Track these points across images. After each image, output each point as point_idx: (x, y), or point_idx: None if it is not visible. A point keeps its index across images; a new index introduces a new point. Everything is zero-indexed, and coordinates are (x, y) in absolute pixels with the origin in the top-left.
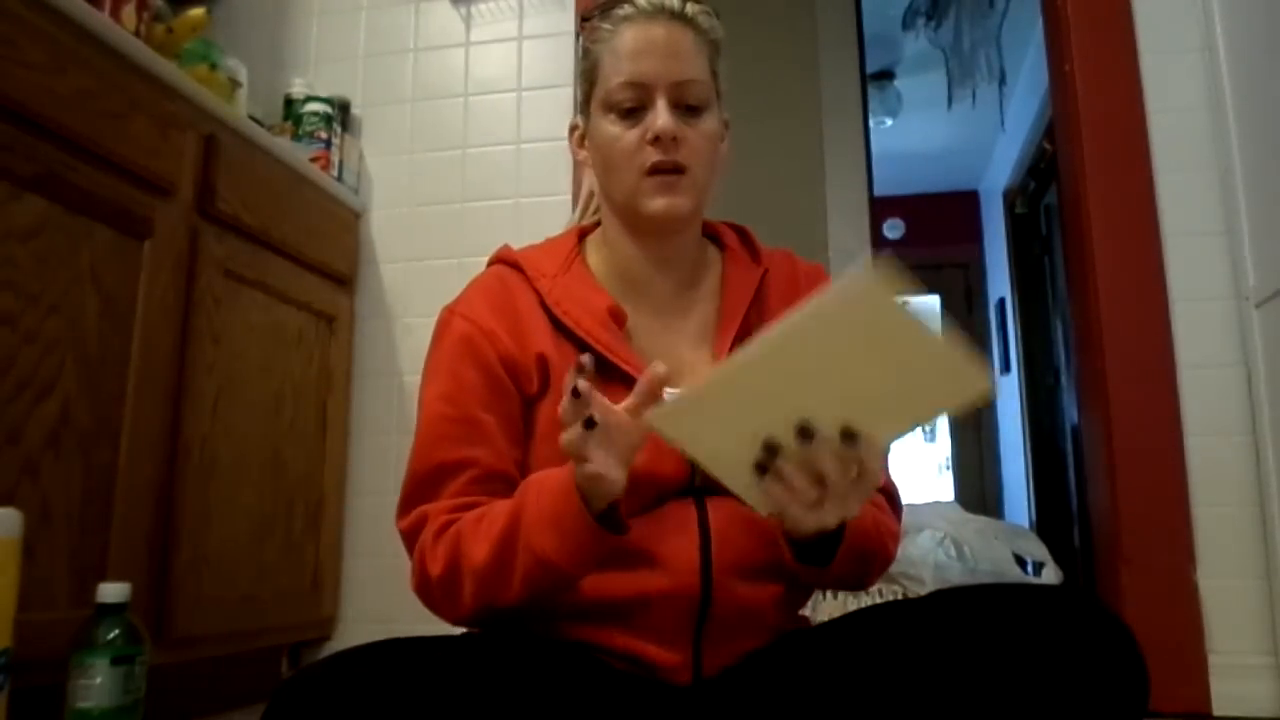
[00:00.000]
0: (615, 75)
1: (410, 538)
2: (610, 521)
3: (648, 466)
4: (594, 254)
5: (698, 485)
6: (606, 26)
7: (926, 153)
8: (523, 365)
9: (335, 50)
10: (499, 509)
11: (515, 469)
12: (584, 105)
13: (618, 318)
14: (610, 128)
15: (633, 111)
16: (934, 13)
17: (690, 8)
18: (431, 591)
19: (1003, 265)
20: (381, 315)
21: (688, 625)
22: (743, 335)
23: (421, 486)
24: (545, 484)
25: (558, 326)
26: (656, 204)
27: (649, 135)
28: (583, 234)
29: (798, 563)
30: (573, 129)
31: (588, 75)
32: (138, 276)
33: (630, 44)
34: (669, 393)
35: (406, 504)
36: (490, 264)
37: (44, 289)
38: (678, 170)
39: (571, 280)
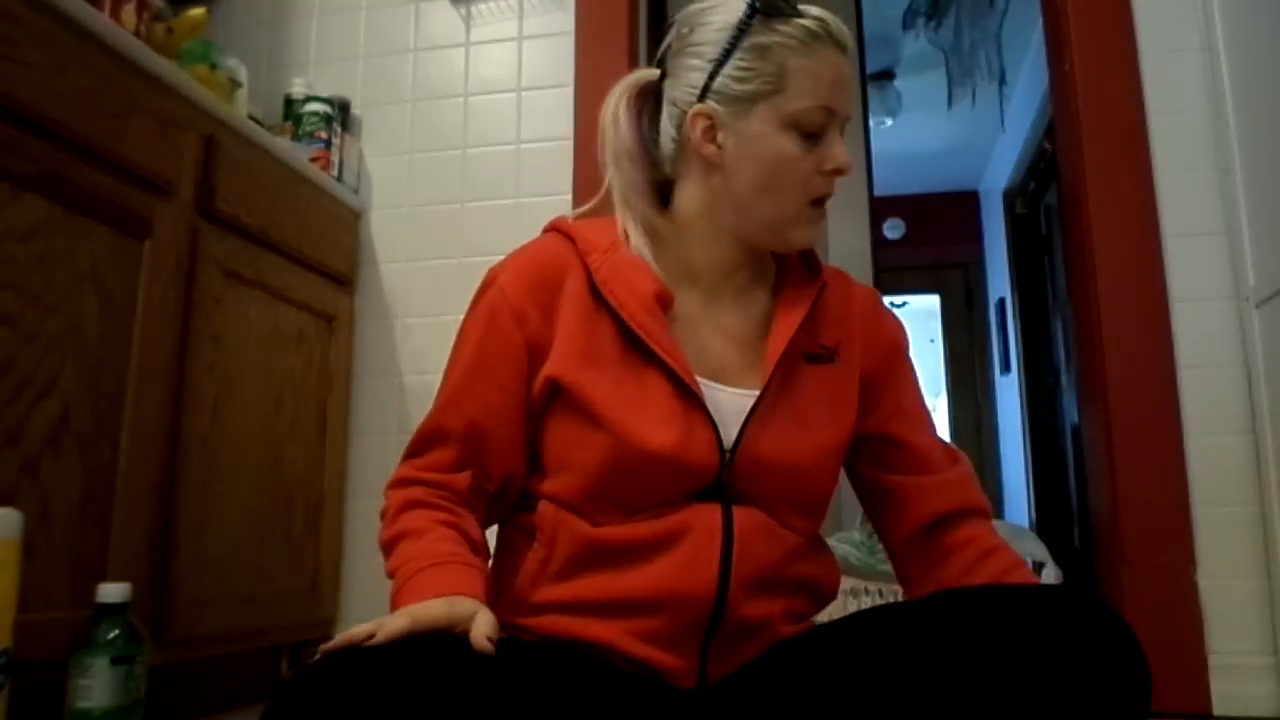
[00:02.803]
0: (812, 96)
1: (393, 486)
2: None
3: (675, 450)
4: (647, 245)
5: (724, 480)
6: (797, 34)
7: (926, 153)
8: (546, 347)
9: (335, 50)
10: (426, 546)
11: (511, 451)
12: (736, 101)
13: (665, 304)
14: (790, 146)
15: (811, 136)
16: (934, 12)
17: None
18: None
19: (1003, 265)
20: (381, 315)
21: (697, 631)
22: (796, 347)
23: (422, 441)
24: (428, 579)
25: (600, 304)
26: (808, 234)
27: (829, 166)
28: None
29: None
30: (701, 116)
31: (766, 77)
32: (138, 276)
33: (830, 69)
34: (710, 385)
35: (407, 454)
36: (545, 231)
37: (44, 289)
38: (826, 203)
39: (621, 260)
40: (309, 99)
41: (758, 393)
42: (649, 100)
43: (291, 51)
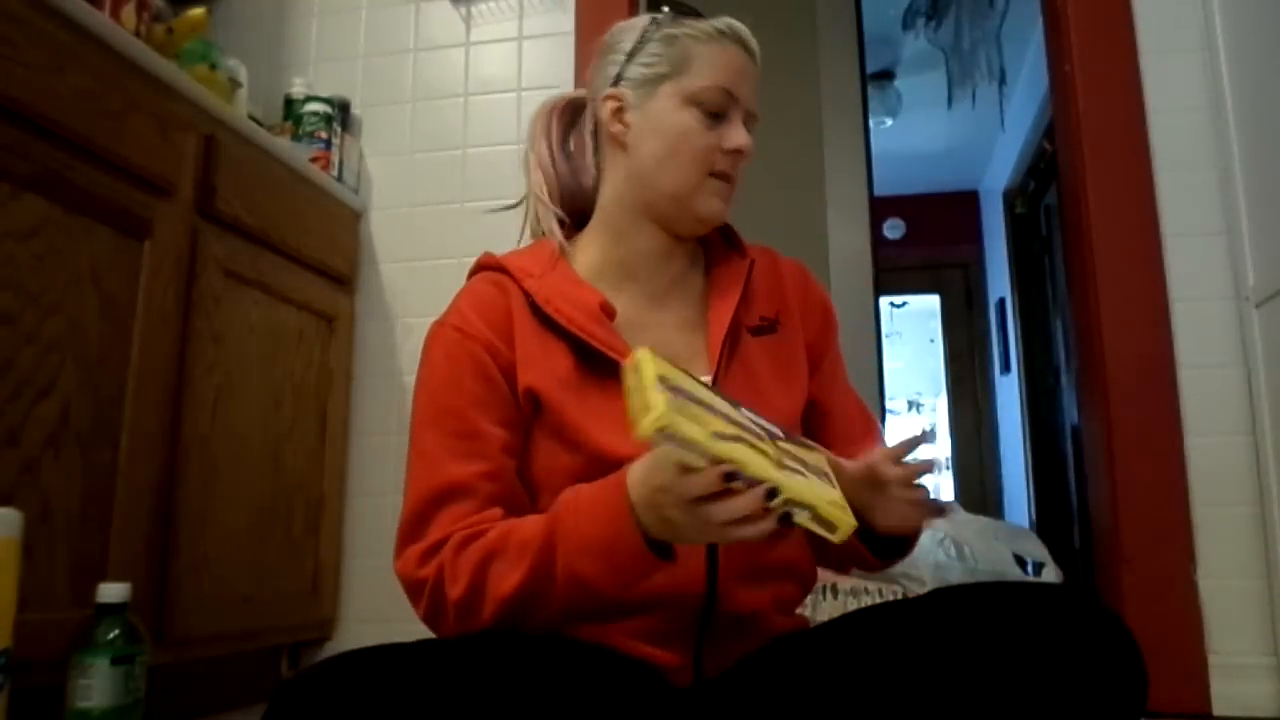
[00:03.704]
0: (712, 78)
1: (422, 563)
2: (660, 546)
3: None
4: (581, 252)
5: None
6: (706, 30)
7: (926, 153)
8: (514, 375)
9: (335, 50)
10: (528, 531)
11: (518, 478)
12: (644, 84)
13: (609, 313)
14: (689, 120)
15: (712, 116)
16: (934, 12)
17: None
18: (446, 616)
19: (1003, 265)
20: (381, 315)
21: (690, 626)
22: (735, 325)
23: (432, 505)
24: (587, 507)
25: (546, 324)
26: (713, 205)
27: (728, 145)
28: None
29: (878, 559)
30: (610, 98)
31: (671, 60)
32: (138, 276)
33: (732, 60)
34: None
35: (415, 529)
36: (472, 272)
37: (44, 289)
38: (732, 182)
39: (558, 278)
40: (309, 99)
41: (710, 377)
42: (578, 117)
43: (291, 51)
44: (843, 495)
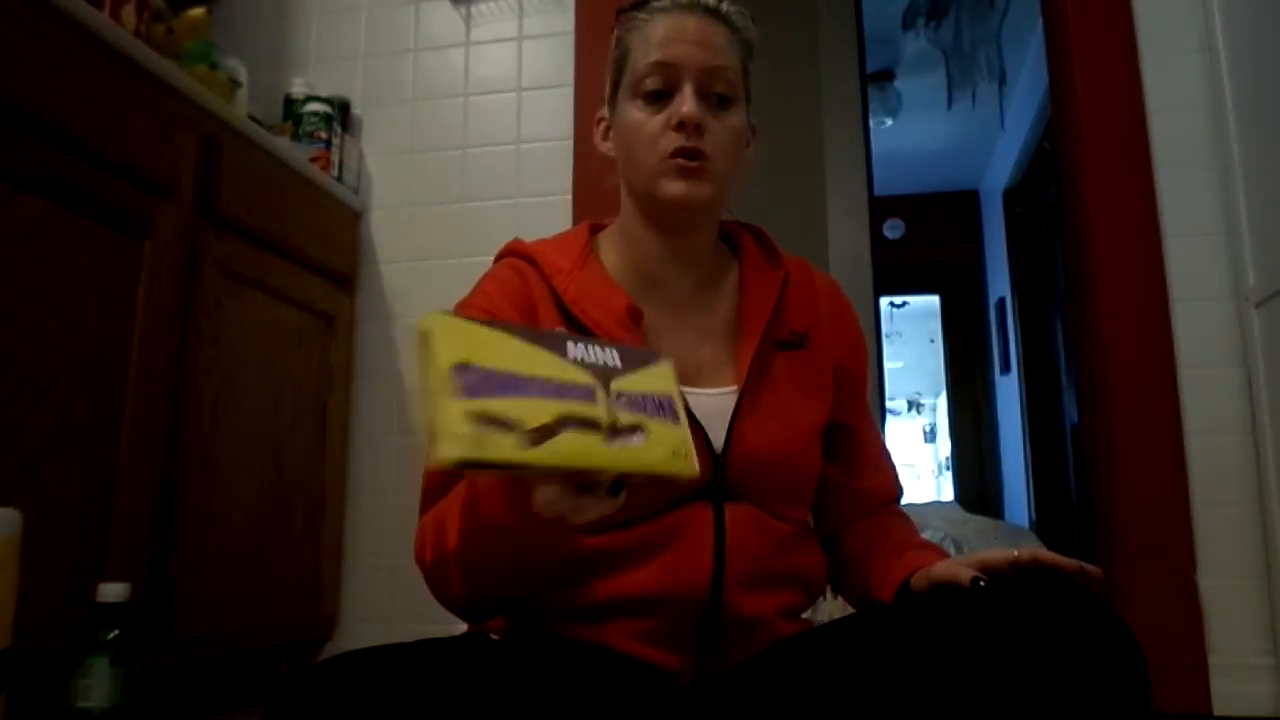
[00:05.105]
0: (644, 60)
1: (421, 545)
2: None
3: None
4: (608, 250)
5: (718, 482)
6: (641, 16)
7: (926, 153)
8: None
9: (335, 50)
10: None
11: None
12: (611, 95)
13: (636, 318)
14: (635, 113)
15: (658, 97)
16: (934, 12)
17: (725, 6)
18: (434, 587)
19: (1003, 265)
20: (382, 315)
21: (693, 630)
22: (768, 337)
23: (435, 491)
24: None
25: (572, 325)
26: (676, 187)
27: (673, 121)
28: (593, 229)
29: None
30: (599, 121)
31: (617, 64)
32: (138, 276)
33: (662, 31)
34: (689, 390)
35: (423, 507)
36: (500, 256)
37: (44, 289)
38: (700, 157)
39: (587, 278)
40: (309, 99)
41: (735, 389)
42: None
43: (291, 51)
44: (686, 428)
